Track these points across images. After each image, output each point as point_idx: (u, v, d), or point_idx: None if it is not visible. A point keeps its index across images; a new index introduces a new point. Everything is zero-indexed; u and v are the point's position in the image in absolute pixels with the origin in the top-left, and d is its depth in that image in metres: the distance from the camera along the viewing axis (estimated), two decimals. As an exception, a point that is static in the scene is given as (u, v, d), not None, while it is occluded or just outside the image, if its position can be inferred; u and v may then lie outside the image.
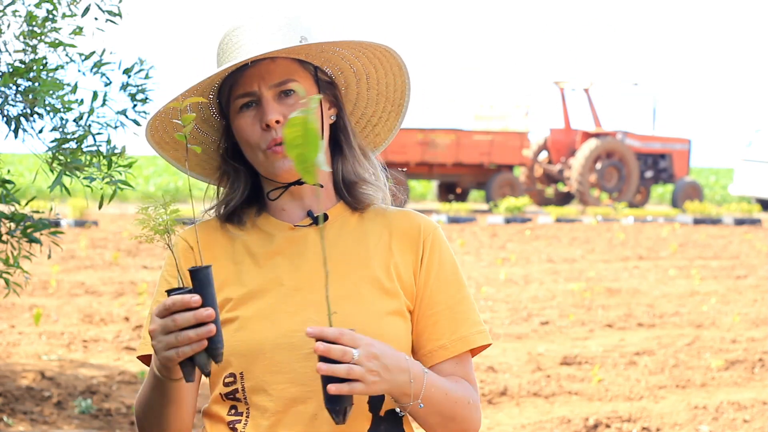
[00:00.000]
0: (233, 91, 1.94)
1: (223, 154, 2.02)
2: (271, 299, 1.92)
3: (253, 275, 1.94)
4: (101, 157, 3.68)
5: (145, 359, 1.99)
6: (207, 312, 1.68)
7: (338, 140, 2.01)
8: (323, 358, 1.73)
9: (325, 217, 1.98)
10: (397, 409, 1.85)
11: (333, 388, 1.72)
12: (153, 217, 1.74)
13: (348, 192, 2.00)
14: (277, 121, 1.91)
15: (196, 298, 1.68)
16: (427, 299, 1.97)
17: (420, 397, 1.83)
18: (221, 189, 2.03)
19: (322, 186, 1.99)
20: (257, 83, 1.91)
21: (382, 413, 1.91)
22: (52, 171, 3.64)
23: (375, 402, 1.91)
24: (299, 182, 1.96)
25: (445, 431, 1.92)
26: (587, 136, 26.17)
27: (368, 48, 1.97)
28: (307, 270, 1.95)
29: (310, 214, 1.98)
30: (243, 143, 1.95)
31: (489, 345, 2.00)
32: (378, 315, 1.92)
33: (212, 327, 1.68)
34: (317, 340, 1.73)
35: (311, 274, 1.94)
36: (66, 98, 3.68)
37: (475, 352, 2.00)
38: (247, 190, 2.00)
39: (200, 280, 1.69)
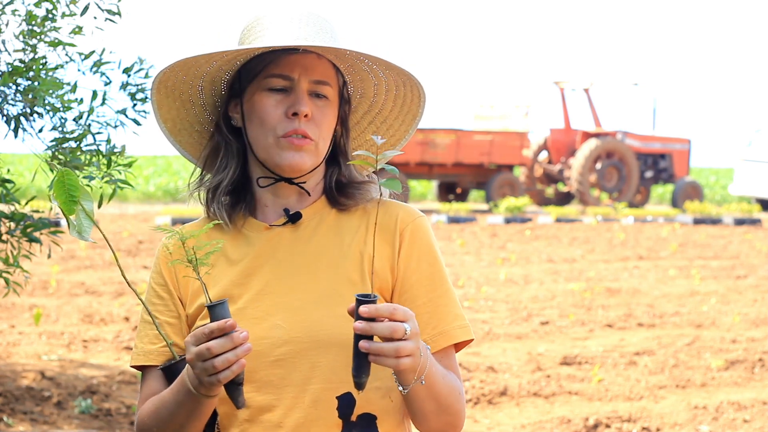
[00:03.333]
0: (269, 68, 1.89)
1: (218, 123, 1.97)
2: (240, 304, 1.89)
3: (225, 280, 1.91)
4: (101, 157, 3.68)
5: (139, 368, 1.97)
6: (243, 334, 1.69)
7: (335, 154, 1.99)
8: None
9: (299, 216, 1.94)
10: (400, 388, 1.78)
11: (391, 363, 1.68)
12: (187, 250, 1.74)
13: (339, 192, 1.96)
14: (306, 115, 1.88)
15: (231, 323, 1.68)
16: (405, 293, 1.92)
17: (424, 374, 1.77)
18: (208, 163, 1.98)
19: (309, 193, 1.97)
20: (299, 72, 1.88)
21: (353, 418, 1.88)
22: (51, 170, 3.64)
23: (344, 407, 1.87)
24: (290, 180, 1.94)
25: (437, 422, 1.87)
26: (587, 136, 26.15)
27: (407, 84, 1.95)
28: (277, 272, 1.92)
29: (286, 212, 1.95)
30: (256, 121, 1.90)
31: (472, 340, 1.95)
32: (348, 317, 1.86)
33: (249, 345, 1.70)
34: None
35: (281, 277, 1.91)
36: (66, 97, 3.68)
37: (458, 347, 1.95)
38: (238, 170, 1.96)
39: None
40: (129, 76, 3.88)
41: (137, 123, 3.83)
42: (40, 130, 3.78)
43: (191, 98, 1.98)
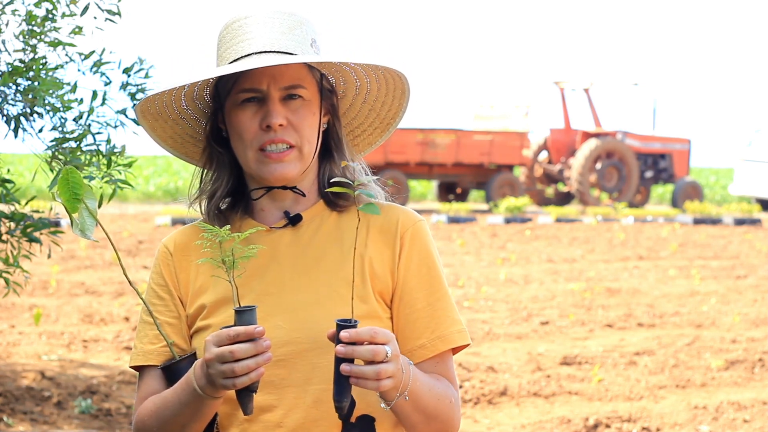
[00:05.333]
0: (239, 83, 1.90)
1: (208, 137, 1.98)
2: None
3: (225, 281, 1.90)
4: (101, 157, 3.68)
5: (137, 368, 1.97)
6: (267, 342, 1.70)
7: (328, 146, 1.99)
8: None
9: (299, 218, 1.95)
10: (383, 404, 1.80)
11: (372, 386, 1.70)
12: (223, 251, 1.75)
13: (334, 193, 1.96)
14: (280, 125, 1.88)
15: (260, 329, 1.69)
16: (405, 297, 1.93)
17: (407, 390, 1.78)
18: (206, 173, 2.00)
19: (304, 195, 1.97)
20: (267, 82, 1.89)
21: (352, 419, 1.88)
22: (51, 170, 3.65)
23: None
24: (283, 187, 1.94)
25: (428, 430, 1.88)
26: (587, 136, 26.16)
27: (382, 69, 1.95)
28: (278, 273, 1.92)
29: (286, 214, 1.96)
30: (235, 136, 1.92)
31: (468, 344, 1.96)
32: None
33: (270, 354, 1.70)
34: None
35: (282, 278, 1.92)
36: (66, 97, 3.68)
37: (455, 350, 1.97)
38: (232, 179, 1.97)
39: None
40: (129, 76, 3.88)
41: (137, 123, 3.82)
42: (40, 130, 3.78)
43: (181, 115, 2.00)
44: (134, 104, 3.87)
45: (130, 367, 1.98)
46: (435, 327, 1.92)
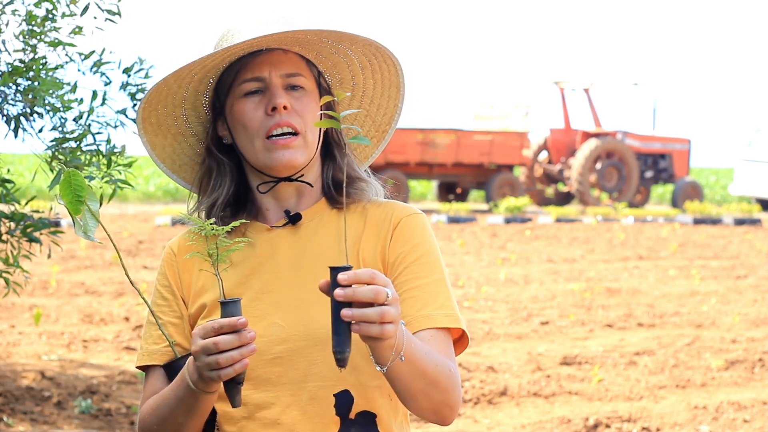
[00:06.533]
0: (240, 75, 1.92)
1: (208, 147, 1.99)
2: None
3: (227, 280, 1.92)
4: (101, 157, 3.68)
5: (143, 368, 1.99)
6: (251, 334, 1.68)
7: (329, 146, 2.00)
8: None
9: (299, 217, 1.95)
10: (378, 367, 1.72)
11: (375, 330, 1.61)
12: (210, 245, 1.75)
13: (337, 191, 1.97)
14: (285, 107, 1.90)
15: (243, 321, 1.68)
16: (395, 281, 1.90)
17: (402, 351, 1.70)
18: (203, 186, 2.00)
19: (311, 185, 1.98)
20: (268, 69, 1.91)
21: (352, 416, 1.87)
22: (51, 170, 3.64)
23: (342, 405, 1.87)
24: (289, 179, 1.95)
25: (429, 401, 1.81)
26: (587, 136, 26.16)
27: (378, 56, 1.96)
28: (276, 271, 1.93)
29: (286, 213, 1.96)
30: (240, 129, 1.93)
31: (468, 342, 1.92)
32: None
33: (254, 346, 1.69)
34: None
35: (281, 276, 1.93)
36: (66, 97, 3.67)
37: (459, 345, 1.92)
38: (233, 186, 1.98)
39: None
40: (129, 76, 3.88)
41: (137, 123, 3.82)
42: (40, 130, 3.78)
43: (181, 131, 2.01)
44: (134, 104, 3.86)
45: (137, 366, 2.00)
46: (421, 306, 1.88)
